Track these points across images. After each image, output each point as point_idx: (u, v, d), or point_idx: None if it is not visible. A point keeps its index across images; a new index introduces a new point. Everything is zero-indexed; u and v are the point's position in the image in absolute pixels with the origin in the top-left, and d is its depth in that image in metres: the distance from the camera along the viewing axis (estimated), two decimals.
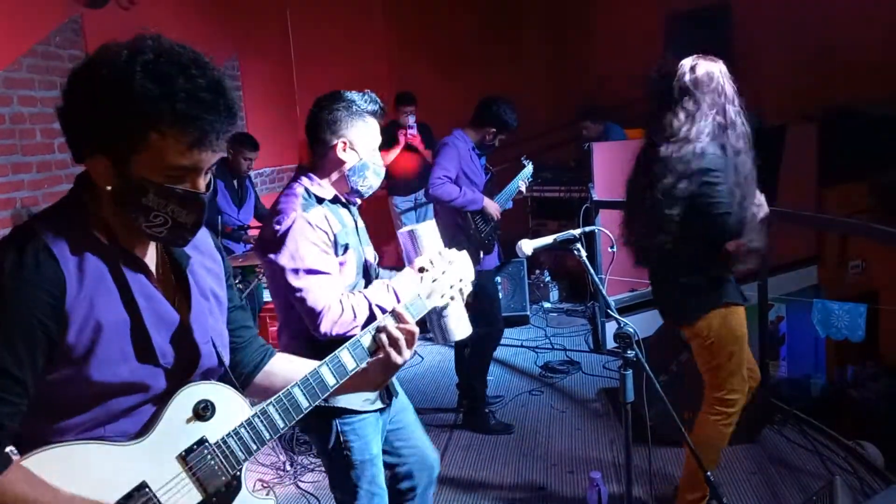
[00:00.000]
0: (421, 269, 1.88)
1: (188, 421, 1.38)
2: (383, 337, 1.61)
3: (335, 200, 2.31)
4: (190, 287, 1.45)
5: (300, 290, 2.13)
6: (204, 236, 1.54)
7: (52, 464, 1.23)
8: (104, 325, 1.27)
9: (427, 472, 2.52)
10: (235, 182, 5.24)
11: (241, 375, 1.64)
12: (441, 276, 1.87)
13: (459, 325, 2.20)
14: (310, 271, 2.14)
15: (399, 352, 1.62)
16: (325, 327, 2.11)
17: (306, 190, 2.26)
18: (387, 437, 2.44)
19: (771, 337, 6.54)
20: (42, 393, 1.25)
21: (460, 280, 1.90)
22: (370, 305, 2.16)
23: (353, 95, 2.29)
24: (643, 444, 2.56)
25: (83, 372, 1.26)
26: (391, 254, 6.14)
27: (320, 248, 2.17)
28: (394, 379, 2.33)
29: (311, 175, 2.31)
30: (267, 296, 5.34)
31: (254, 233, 5.46)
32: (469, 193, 4.10)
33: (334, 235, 2.22)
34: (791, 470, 3.62)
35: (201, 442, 1.39)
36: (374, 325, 1.65)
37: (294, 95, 6.99)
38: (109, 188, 1.27)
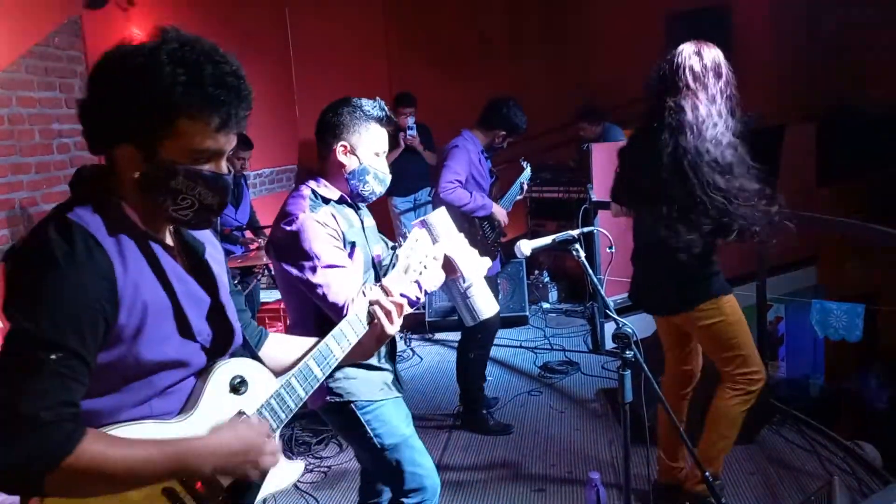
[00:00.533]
0: (393, 248, 2.03)
1: (226, 395, 1.47)
2: (377, 309, 1.78)
3: (341, 201, 2.35)
4: (213, 271, 1.53)
5: (320, 286, 2.18)
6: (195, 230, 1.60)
7: None
8: (149, 306, 1.33)
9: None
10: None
11: None
12: (410, 251, 1.98)
13: (486, 303, 2.34)
14: (327, 266, 2.19)
15: (391, 321, 1.79)
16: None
17: (313, 191, 2.31)
18: None
19: (770, 337, 6.54)
20: (95, 373, 1.29)
21: (426, 254, 2.00)
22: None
23: (360, 101, 2.34)
24: (642, 444, 2.57)
25: (133, 351, 1.32)
26: None
27: (332, 243, 2.22)
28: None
29: (318, 177, 2.36)
30: (265, 296, 5.34)
31: (249, 234, 5.47)
32: (479, 199, 4.08)
33: (342, 233, 2.27)
34: (790, 470, 3.63)
35: (240, 414, 1.48)
36: (366, 298, 1.81)
37: (293, 96, 7.00)
38: (137, 174, 1.32)
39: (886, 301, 5.97)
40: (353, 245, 2.29)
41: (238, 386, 1.48)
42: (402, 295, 1.84)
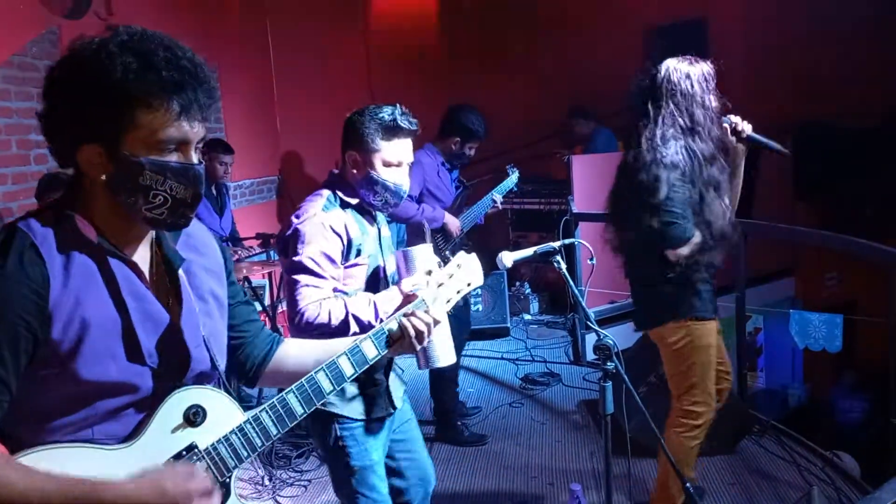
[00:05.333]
0: (428, 273, 1.93)
1: (178, 426, 1.36)
2: (410, 323, 1.70)
3: (359, 208, 2.36)
4: (182, 290, 1.44)
5: (292, 281, 2.21)
6: (204, 235, 1.56)
7: (39, 466, 1.21)
8: (91, 323, 1.27)
9: (423, 488, 2.55)
10: (213, 189, 5.19)
11: (251, 368, 1.66)
12: (448, 279, 1.92)
13: (444, 353, 2.22)
14: (305, 269, 2.20)
15: (420, 340, 1.71)
16: (298, 322, 2.17)
17: (333, 193, 2.32)
18: (389, 447, 2.45)
19: (749, 348, 6.60)
20: (29, 392, 1.24)
21: (468, 284, 1.96)
22: (347, 314, 2.18)
23: (376, 110, 2.30)
24: (623, 455, 2.57)
25: (70, 369, 1.26)
26: None
27: (325, 251, 2.22)
28: (398, 389, 2.43)
29: (341, 181, 2.36)
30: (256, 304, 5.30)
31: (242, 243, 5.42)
32: (428, 211, 4.01)
33: (350, 240, 2.26)
34: (769, 480, 3.65)
35: (191, 448, 1.37)
36: (400, 311, 1.72)
37: (274, 107, 6.97)
38: (104, 176, 1.27)
39: (863, 312, 6.04)
40: (358, 251, 2.29)
41: (193, 417, 1.36)
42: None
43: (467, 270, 1.99)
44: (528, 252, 2.51)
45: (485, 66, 7.84)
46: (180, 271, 1.45)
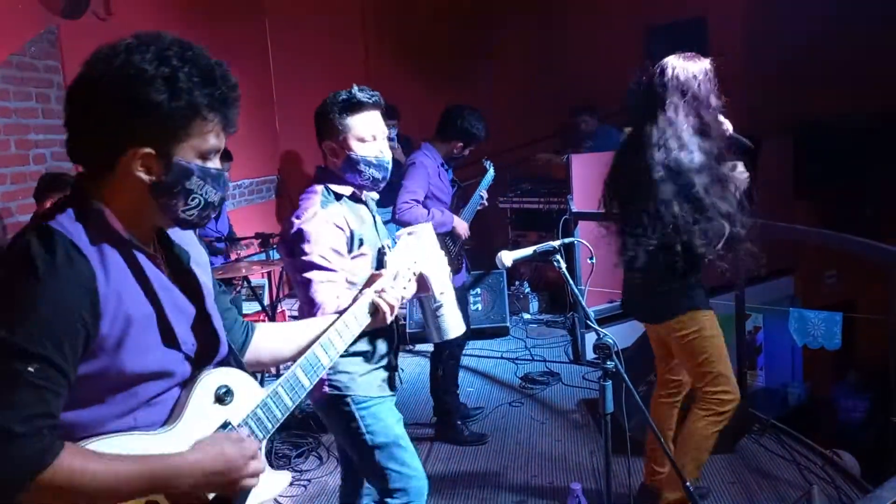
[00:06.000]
0: (381, 252, 2.08)
1: (211, 406, 1.45)
2: (382, 300, 1.85)
3: (353, 198, 2.38)
4: (199, 279, 1.52)
5: (305, 280, 2.23)
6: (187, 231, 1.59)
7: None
8: (133, 316, 1.32)
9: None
10: None
11: None
12: (399, 258, 2.00)
13: (454, 324, 2.34)
14: (316, 266, 2.22)
15: (392, 312, 1.87)
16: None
17: (326, 188, 2.34)
18: None
19: (748, 347, 6.59)
20: (76, 384, 1.27)
21: (414, 261, 2.03)
22: None
23: (332, 96, 2.36)
24: (623, 454, 2.56)
25: (115, 362, 1.30)
26: None
27: (332, 246, 2.25)
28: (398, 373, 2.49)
29: (330, 175, 2.39)
30: (247, 307, 5.30)
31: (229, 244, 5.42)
32: (438, 216, 4.00)
33: (351, 232, 2.30)
34: (769, 479, 3.64)
35: (225, 425, 1.46)
36: (371, 288, 1.87)
37: (273, 107, 6.98)
38: (150, 179, 1.32)
39: (863, 311, 6.04)
40: (361, 242, 2.32)
41: (223, 396, 1.46)
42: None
43: (412, 246, 2.04)
44: (527, 251, 2.51)
45: (485, 65, 7.86)
46: (192, 263, 1.53)
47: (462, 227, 4.17)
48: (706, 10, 7.26)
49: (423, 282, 2.08)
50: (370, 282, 1.92)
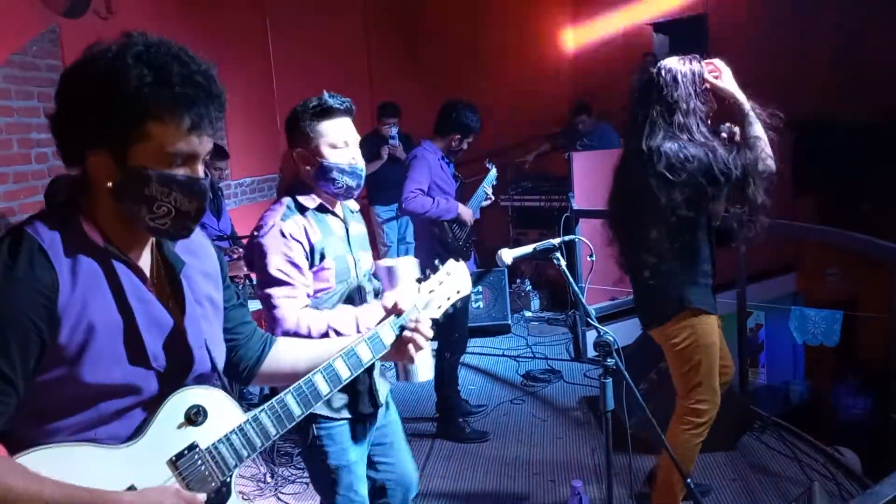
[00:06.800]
0: (419, 280, 1.94)
1: (180, 426, 1.37)
2: (414, 336, 1.76)
3: (321, 209, 2.34)
4: (184, 291, 1.45)
5: (265, 296, 2.22)
6: (201, 239, 1.56)
7: (41, 465, 1.21)
8: (97, 326, 1.27)
9: (403, 492, 2.52)
10: (210, 193, 5.20)
11: (245, 369, 1.68)
12: (438, 286, 1.93)
13: (424, 369, 2.28)
14: (274, 281, 2.20)
15: (417, 349, 1.78)
16: (276, 334, 2.13)
17: (292, 199, 2.31)
18: (371, 449, 2.44)
19: (750, 344, 6.59)
20: (34, 394, 1.24)
21: (457, 291, 1.97)
22: (328, 328, 2.19)
23: (301, 104, 2.30)
24: (624, 451, 2.57)
25: (75, 373, 1.26)
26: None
27: (290, 259, 2.21)
28: (383, 387, 2.42)
29: (299, 187, 2.35)
30: (251, 305, 5.31)
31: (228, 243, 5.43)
32: (443, 203, 4.11)
33: (311, 245, 2.25)
34: (770, 476, 3.65)
35: (192, 447, 1.38)
36: (397, 321, 1.76)
37: (274, 105, 6.97)
38: (111, 184, 1.28)
39: (864, 308, 6.04)
40: (322, 255, 2.27)
41: (194, 416, 1.37)
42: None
43: (456, 278, 1.99)
44: (528, 249, 2.51)
45: (488, 63, 7.85)
46: (193, 274, 1.48)
47: (467, 213, 4.24)
48: (707, 7, 7.26)
49: None
50: (390, 312, 1.82)
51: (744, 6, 7.08)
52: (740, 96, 2.76)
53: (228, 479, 1.43)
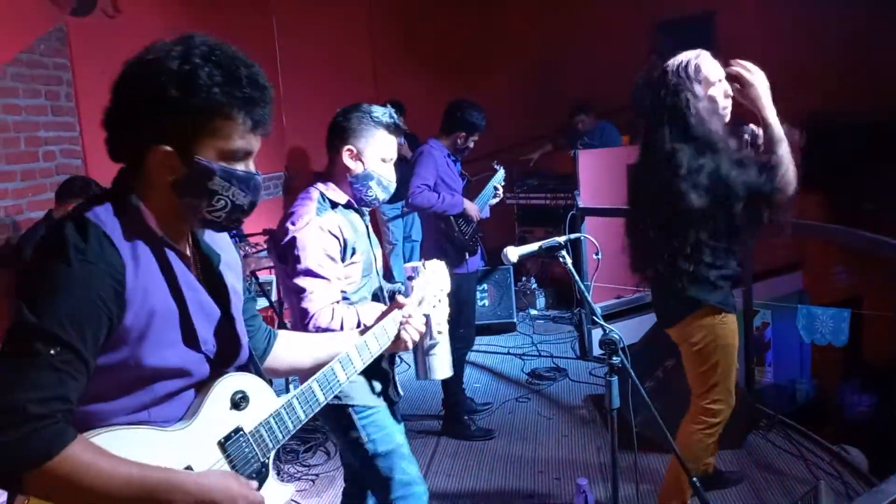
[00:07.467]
0: (409, 278, 2.06)
1: (226, 410, 1.45)
2: (407, 327, 1.91)
3: (348, 206, 2.38)
4: (226, 283, 1.53)
5: (299, 289, 2.22)
6: (223, 233, 1.60)
7: (106, 446, 1.26)
8: (156, 311, 1.33)
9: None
10: None
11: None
12: (427, 285, 2.03)
13: (443, 367, 2.36)
14: (311, 273, 2.22)
15: (415, 341, 1.93)
16: (309, 327, 2.20)
17: (321, 194, 2.34)
18: None
19: (756, 343, 6.58)
20: (96, 375, 1.28)
21: (441, 289, 2.08)
22: (359, 322, 2.21)
23: (371, 107, 2.38)
24: (629, 450, 2.57)
25: (135, 354, 1.31)
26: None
27: (327, 253, 2.25)
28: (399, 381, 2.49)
29: (327, 180, 2.39)
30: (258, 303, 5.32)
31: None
32: (448, 198, 4.15)
33: (345, 241, 2.30)
34: (776, 475, 3.64)
35: (237, 430, 1.46)
36: (397, 312, 1.91)
37: (280, 103, 6.98)
38: (172, 177, 1.33)
39: (870, 306, 6.02)
40: (353, 251, 2.32)
41: (239, 401, 1.46)
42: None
43: (440, 276, 2.09)
44: (533, 247, 2.51)
45: (494, 62, 7.85)
46: (222, 266, 1.54)
47: (473, 209, 4.27)
48: (714, 5, 7.23)
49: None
50: (393, 306, 1.94)
51: (751, 4, 7.05)
52: (769, 115, 2.74)
53: (267, 460, 1.52)
